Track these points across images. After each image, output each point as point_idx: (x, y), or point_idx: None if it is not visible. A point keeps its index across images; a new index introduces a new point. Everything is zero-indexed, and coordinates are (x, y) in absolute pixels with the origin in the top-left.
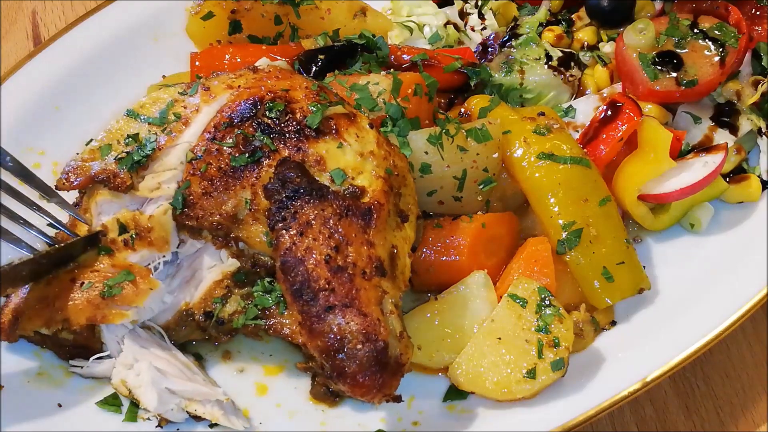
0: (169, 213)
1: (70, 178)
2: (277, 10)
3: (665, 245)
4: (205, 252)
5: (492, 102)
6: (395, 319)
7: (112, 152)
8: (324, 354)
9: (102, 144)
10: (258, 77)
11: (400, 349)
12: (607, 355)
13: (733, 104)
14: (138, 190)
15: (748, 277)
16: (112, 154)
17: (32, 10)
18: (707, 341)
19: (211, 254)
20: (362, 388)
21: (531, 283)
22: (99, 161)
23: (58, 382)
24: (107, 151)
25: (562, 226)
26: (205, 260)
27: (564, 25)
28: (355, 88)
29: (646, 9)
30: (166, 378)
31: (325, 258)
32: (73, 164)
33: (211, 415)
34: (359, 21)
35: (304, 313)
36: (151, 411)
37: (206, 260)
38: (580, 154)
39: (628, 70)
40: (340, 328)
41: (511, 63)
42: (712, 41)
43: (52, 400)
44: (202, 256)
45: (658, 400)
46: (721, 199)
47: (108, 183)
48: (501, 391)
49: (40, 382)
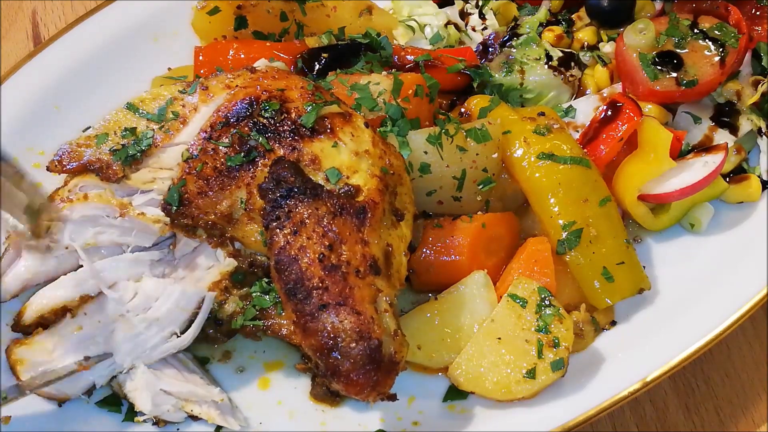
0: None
1: (63, 161)
2: (282, 6)
3: (665, 245)
4: (202, 252)
5: (492, 102)
6: (389, 317)
7: (108, 142)
8: (318, 353)
9: (99, 133)
10: (255, 77)
11: (395, 348)
12: (607, 355)
13: (733, 104)
14: (130, 179)
15: (748, 277)
16: (108, 144)
17: (32, 10)
18: (707, 341)
19: (208, 255)
20: (356, 386)
21: (531, 283)
22: (93, 149)
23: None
24: (103, 140)
25: (562, 226)
26: (203, 261)
27: (564, 25)
28: (355, 87)
29: (646, 9)
30: (161, 380)
31: (319, 257)
32: (66, 148)
33: (207, 416)
34: (365, 19)
35: (298, 311)
36: (146, 414)
37: (204, 261)
38: (581, 154)
39: (629, 70)
40: (333, 327)
41: (512, 63)
42: (712, 41)
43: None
44: (199, 256)
45: (658, 400)
46: (721, 199)
47: (100, 172)
48: (501, 391)
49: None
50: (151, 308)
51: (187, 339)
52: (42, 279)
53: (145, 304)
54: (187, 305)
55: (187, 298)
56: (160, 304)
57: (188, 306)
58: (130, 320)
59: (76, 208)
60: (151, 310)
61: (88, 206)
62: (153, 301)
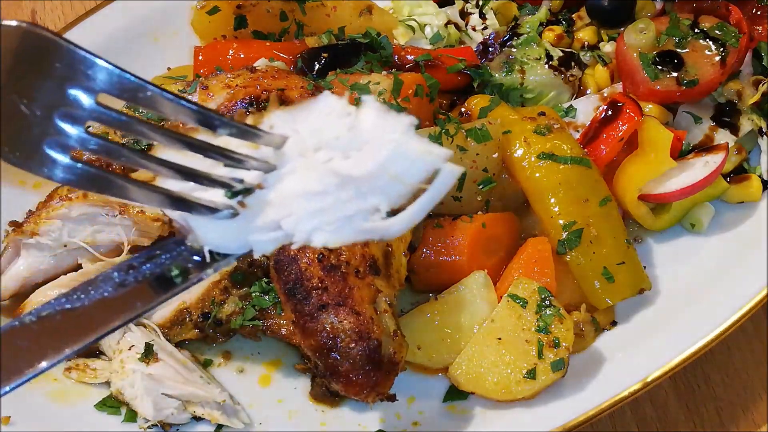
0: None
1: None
2: (282, 6)
3: (666, 245)
4: None
5: (492, 102)
6: (389, 317)
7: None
8: (317, 353)
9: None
10: (254, 77)
11: (394, 348)
12: (608, 356)
13: (734, 104)
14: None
15: (749, 277)
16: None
17: (32, 9)
18: (708, 341)
19: None
20: (355, 386)
21: (531, 283)
22: None
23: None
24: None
25: (562, 226)
26: None
27: (564, 25)
28: (355, 87)
29: (647, 9)
30: (161, 384)
31: (318, 257)
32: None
33: (210, 416)
34: (365, 19)
35: (297, 311)
36: (150, 420)
37: None
38: (581, 154)
39: (629, 70)
40: (332, 327)
41: (512, 63)
42: (712, 41)
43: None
44: None
45: (659, 401)
46: (722, 199)
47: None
48: (501, 391)
49: (39, 381)
50: (353, 158)
51: (395, 227)
52: (41, 278)
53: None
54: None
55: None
56: (366, 156)
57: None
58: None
59: (75, 207)
60: (351, 163)
61: (87, 204)
62: (361, 144)
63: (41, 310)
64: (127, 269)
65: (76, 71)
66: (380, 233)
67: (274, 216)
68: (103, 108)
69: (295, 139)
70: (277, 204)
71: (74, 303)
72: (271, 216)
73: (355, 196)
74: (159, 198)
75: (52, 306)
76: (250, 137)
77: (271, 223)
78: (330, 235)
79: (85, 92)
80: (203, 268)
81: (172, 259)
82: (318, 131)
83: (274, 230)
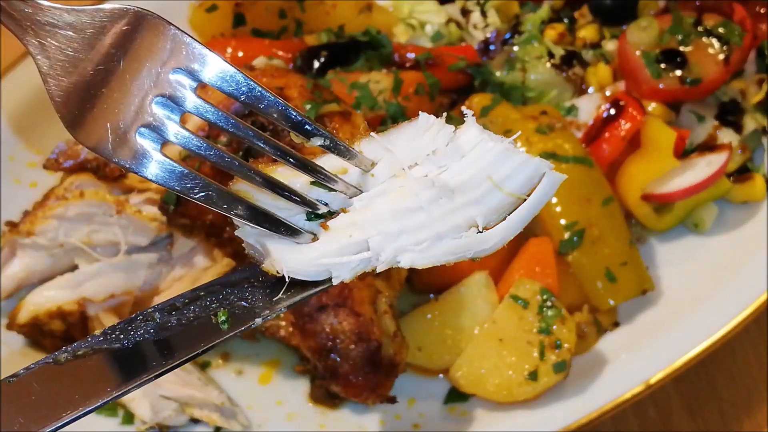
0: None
1: (59, 159)
2: (281, 4)
3: (669, 246)
4: (200, 252)
5: (493, 100)
6: (389, 318)
7: None
8: (316, 354)
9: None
10: (253, 75)
11: (394, 349)
12: (610, 357)
13: (738, 103)
14: (127, 178)
15: (753, 278)
16: None
17: None
18: (711, 343)
19: (205, 255)
20: (355, 388)
21: (533, 283)
22: None
23: None
24: None
25: (564, 226)
26: (200, 261)
27: (566, 23)
28: (355, 86)
29: (650, 6)
30: (159, 385)
31: None
32: (63, 147)
33: (208, 419)
34: (365, 16)
35: (296, 312)
36: (147, 422)
37: (201, 261)
38: (583, 154)
39: (632, 69)
40: (332, 328)
41: (513, 61)
42: (716, 39)
43: None
44: (197, 256)
45: (662, 402)
46: (726, 199)
47: (97, 171)
48: (502, 393)
49: None
50: (451, 169)
51: (492, 240)
52: (37, 278)
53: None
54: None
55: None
56: (465, 166)
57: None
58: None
59: (72, 206)
60: (449, 173)
61: (83, 204)
62: (459, 157)
63: (77, 348)
64: (170, 310)
65: (181, 57)
66: (474, 249)
67: (358, 238)
68: (203, 101)
69: (387, 160)
70: (361, 226)
71: (112, 344)
72: (355, 238)
73: (449, 210)
74: (246, 211)
75: (90, 344)
76: (343, 154)
77: (354, 245)
78: (418, 255)
79: (188, 77)
80: (252, 316)
81: (218, 302)
82: (414, 148)
83: (356, 253)
